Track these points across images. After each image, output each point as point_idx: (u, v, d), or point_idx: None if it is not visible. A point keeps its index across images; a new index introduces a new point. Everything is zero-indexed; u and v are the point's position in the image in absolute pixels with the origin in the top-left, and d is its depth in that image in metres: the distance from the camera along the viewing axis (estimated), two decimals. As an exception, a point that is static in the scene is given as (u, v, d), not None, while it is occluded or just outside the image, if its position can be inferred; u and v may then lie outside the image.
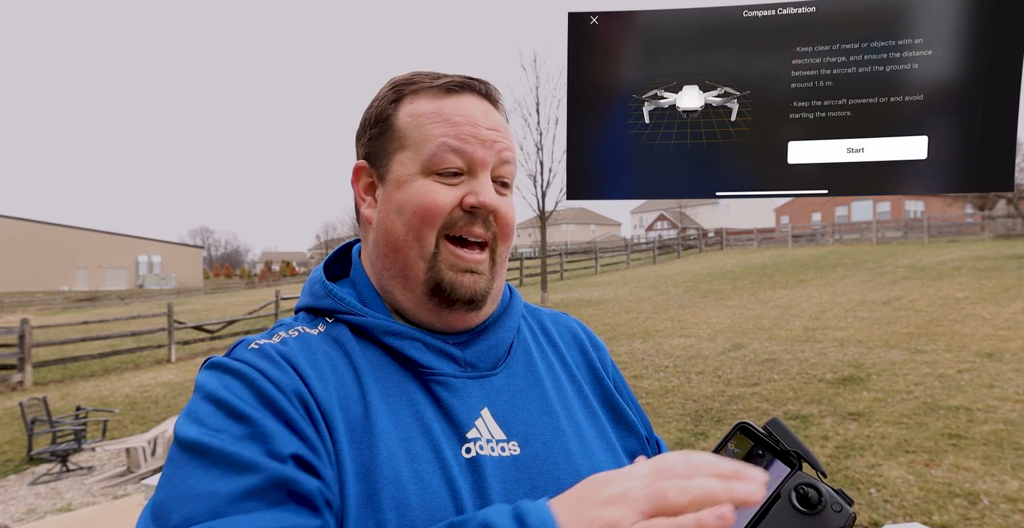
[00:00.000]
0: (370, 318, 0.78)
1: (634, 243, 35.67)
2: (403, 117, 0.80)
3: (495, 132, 0.79)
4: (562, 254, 26.60)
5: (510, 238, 0.83)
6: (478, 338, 0.82)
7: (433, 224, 0.77)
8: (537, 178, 18.01)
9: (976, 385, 6.19)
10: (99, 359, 11.65)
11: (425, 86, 0.81)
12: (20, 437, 6.87)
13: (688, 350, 8.97)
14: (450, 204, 0.77)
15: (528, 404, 0.80)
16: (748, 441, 0.59)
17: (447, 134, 0.77)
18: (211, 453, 0.62)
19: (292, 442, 0.64)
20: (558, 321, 0.98)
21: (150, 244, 59.83)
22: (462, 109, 0.79)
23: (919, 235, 26.04)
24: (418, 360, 0.76)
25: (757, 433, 0.59)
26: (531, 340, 0.90)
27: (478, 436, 0.74)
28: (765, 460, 0.58)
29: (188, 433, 0.64)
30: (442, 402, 0.75)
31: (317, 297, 0.83)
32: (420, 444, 0.71)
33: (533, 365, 0.86)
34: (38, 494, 5.37)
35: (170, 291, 48.65)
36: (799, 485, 0.55)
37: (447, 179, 0.77)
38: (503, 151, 0.79)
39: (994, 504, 3.84)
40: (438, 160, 0.77)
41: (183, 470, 0.62)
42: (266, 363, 0.70)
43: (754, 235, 33.07)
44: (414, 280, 0.79)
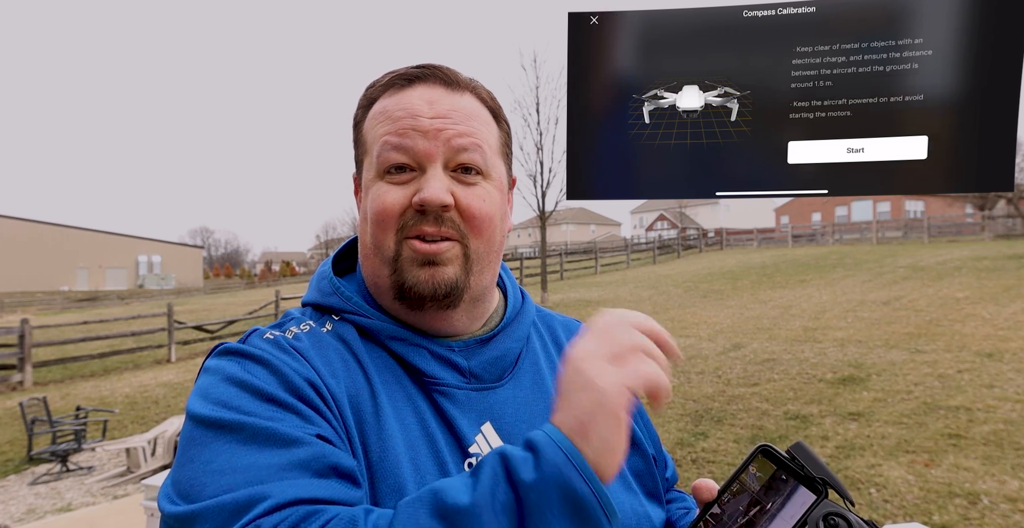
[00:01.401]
0: (376, 321, 0.76)
1: (634, 243, 35.66)
2: (367, 122, 0.78)
3: (442, 120, 0.73)
4: (562, 254, 26.59)
5: (483, 231, 0.75)
6: (484, 347, 0.78)
7: (387, 227, 0.73)
8: (537, 178, 18.01)
9: (976, 385, 6.19)
10: (99, 359, 11.64)
11: (381, 85, 0.78)
12: (20, 437, 6.86)
13: (688, 350, 8.97)
14: (400, 204, 0.73)
15: (533, 418, 0.77)
16: (771, 465, 0.57)
17: (388, 131, 0.74)
18: (246, 429, 0.59)
19: (322, 424, 0.62)
20: (570, 330, 0.94)
21: (150, 244, 59.81)
22: (404, 102, 0.74)
23: (919, 235, 26.03)
24: (423, 369, 0.74)
25: (780, 457, 0.57)
26: (540, 349, 0.86)
27: (479, 451, 0.72)
28: (788, 486, 0.56)
29: (213, 413, 0.60)
30: (445, 414, 0.72)
31: (324, 294, 0.80)
32: (424, 454, 0.69)
33: (540, 376, 0.82)
34: (38, 494, 5.37)
35: (170, 291, 48.62)
36: (828, 515, 0.54)
37: (396, 179, 0.73)
38: (453, 138, 0.73)
39: (994, 504, 3.84)
40: (383, 161, 0.74)
41: (212, 447, 0.58)
42: (282, 353, 0.68)
43: (754, 235, 33.06)
44: (383, 286, 0.76)
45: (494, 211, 0.76)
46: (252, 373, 0.65)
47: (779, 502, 0.56)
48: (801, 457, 0.57)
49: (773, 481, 0.57)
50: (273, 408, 0.61)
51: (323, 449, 0.59)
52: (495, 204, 0.77)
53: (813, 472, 0.56)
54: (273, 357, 0.67)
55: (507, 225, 0.82)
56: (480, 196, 0.75)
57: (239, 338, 0.74)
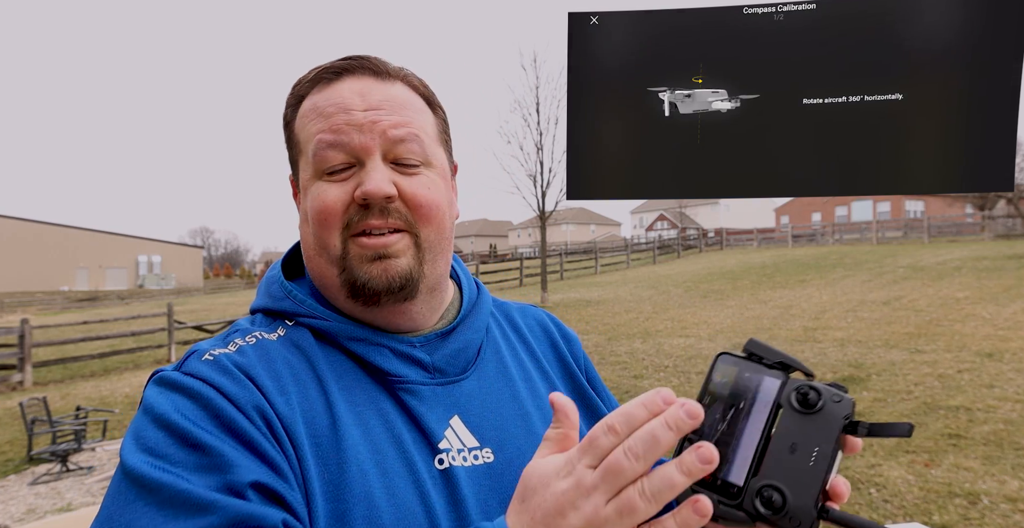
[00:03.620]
0: (333, 322, 0.73)
1: (634, 243, 35.69)
2: (298, 120, 0.75)
3: (375, 111, 0.71)
4: (562, 254, 26.61)
5: (432, 219, 0.73)
6: (446, 340, 0.77)
7: (331, 226, 0.71)
8: (537, 178, 18.02)
9: (976, 385, 6.19)
10: (99, 359, 11.65)
11: (308, 81, 0.75)
12: (20, 437, 6.86)
13: (688, 350, 8.97)
14: (342, 202, 0.70)
15: (500, 407, 0.76)
16: (732, 368, 0.58)
17: (321, 129, 0.71)
18: (162, 490, 0.55)
19: (253, 468, 0.58)
20: (527, 314, 0.93)
21: (150, 244, 59.83)
22: (334, 97, 0.72)
23: (919, 235, 26.04)
24: (385, 368, 0.72)
25: (739, 357, 0.59)
26: (500, 338, 0.85)
27: (449, 447, 0.70)
28: (754, 380, 0.57)
29: (136, 464, 0.57)
30: (412, 411, 0.71)
31: (275, 298, 0.77)
32: (392, 457, 0.67)
33: (504, 365, 0.82)
34: (38, 494, 5.36)
35: (170, 291, 48.64)
36: (794, 390, 0.55)
37: (335, 176, 0.71)
38: (389, 129, 0.71)
39: (994, 504, 3.84)
40: (319, 159, 0.71)
41: (130, 508, 0.55)
42: (222, 377, 0.64)
43: (754, 235, 33.07)
44: (332, 287, 0.74)
45: (440, 198, 0.74)
46: (181, 410, 0.61)
47: (750, 397, 0.57)
48: (757, 351, 0.58)
49: (738, 381, 0.58)
50: (198, 456, 0.58)
51: (242, 511, 0.55)
52: (440, 191, 0.75)
53: (771, 359, 0.57)
54: (206, 387, 0.63)
55: (454, 212, 0.80)
56: (424, 184, 0.73)
57: (178, 360, 0.70)
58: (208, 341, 0.72)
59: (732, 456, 0.55)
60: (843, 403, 0.54)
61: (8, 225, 49.94)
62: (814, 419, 0.54)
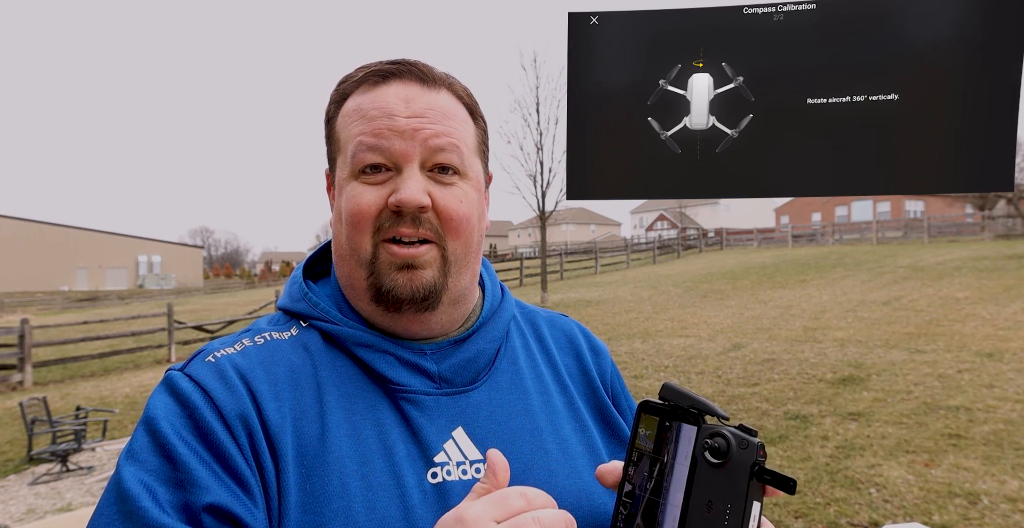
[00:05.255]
0: (343, 327, 0.74)
1: (634, 243, 35.68)
2: (340, 119, 0.76)
3: (419, 119, 0.71)
4: (562, 254, 26.60)
5: (461, 233, 0.74)
6: (458, 349, 0.76)
7: (363, 229, 0.71)
8: (537, 178, 18.03)
9: (976, 385, 6.19)
10: (99, 359, 11.64)
11: (354, 81, 0.75)
12: (20, 437, 6.86)
13: (688, 350, 8.97)
14: (376, 205, 0.71)
15: (510, 421, 0.75)
16: (654, 418, 0.58)
17: (363, 131, 0.71)
18: (127, 503, 0.59)
19: (214, 489, 0.60)
20: (555, 325, 0.91)
21: (150, 244, 59.85)
22: (380, 101, 0.72)
23: (919, 235, 26.04)
24: (388, 376, 0.71)
25: (658, 406, 0.58)
26: (520, 347, 0.84)
27: (446, 460, 0.69)
28: (673, 430, 0.57)
29: (123, 468, 0.61)
30: (411, 422, 0.70)
31: (294, 299, 0.78)
32: (379, 470, 0.66)
33: (520, 377, 0.80)
34: (38, 494, 5.36)
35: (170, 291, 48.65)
36: (704, 440, 0.55)
37: (372, 179, 0.72)
38: (431, 139, 0.71)
39: (994, 504, 3.84)
40: (357, 161, 0.72)
41: (104, 513, 0.60)
42: (216, 382, 0.66)
43: (754, 235, 33.06)
44: (359, 289, 0.74)
45: (472, 212, 0.75)
46: (169, 418, 0.64)
47: (672, 450, 0.57)
48: (672, 398, 0.57)
49: (660, 433, 0.57)
50: (169, 469, 0.61)
51: None
52: (473, 204, 0.75)
53: (685, 405, 0.57)
54: (197, 394, 0.65)
55: (484, 224, 0.80)
56: (458, 197, 0.73)
57: (190, 355, 0.73)
58: (220, 340, 0.74)
59: (661, 518, 0.56)
60: (749, 450, 0.53)
61: (8, 225, 49.95)
62: (726, 471, 0.54)
